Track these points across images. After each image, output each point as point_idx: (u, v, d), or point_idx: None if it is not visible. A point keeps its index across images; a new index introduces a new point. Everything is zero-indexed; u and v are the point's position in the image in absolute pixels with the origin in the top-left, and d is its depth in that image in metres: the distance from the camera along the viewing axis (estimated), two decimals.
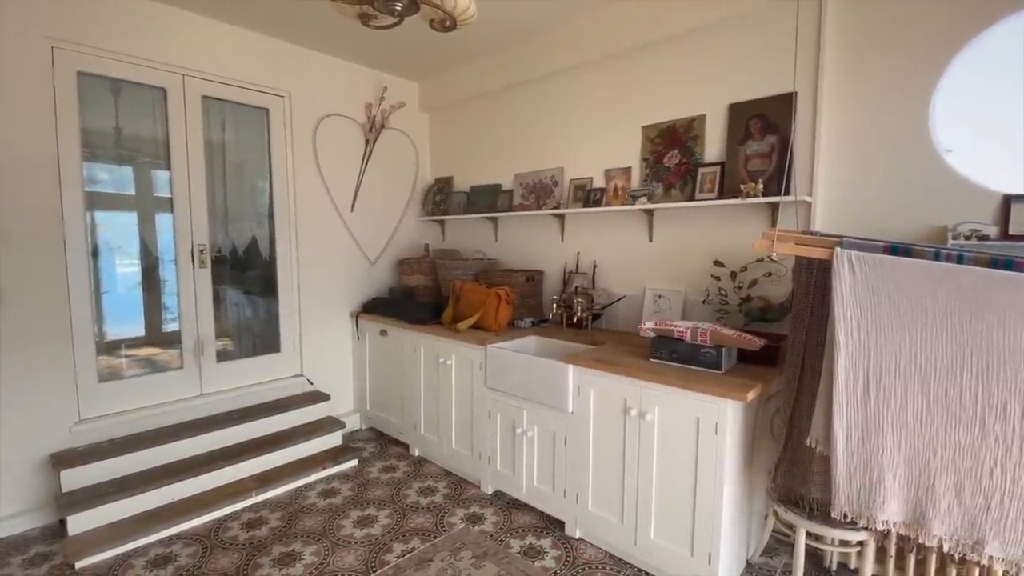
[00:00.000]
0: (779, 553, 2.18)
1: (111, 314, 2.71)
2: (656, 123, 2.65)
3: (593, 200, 2.86)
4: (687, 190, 2.52)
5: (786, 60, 2.17)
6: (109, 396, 2.63)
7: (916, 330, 1.38)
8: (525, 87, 3.26)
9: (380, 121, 3.57)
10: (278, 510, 2.55)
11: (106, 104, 2.63)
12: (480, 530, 2.36)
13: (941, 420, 1.38)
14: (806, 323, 1.72)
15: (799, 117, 2.17)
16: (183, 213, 2.82)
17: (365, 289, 3.67)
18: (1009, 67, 1.77)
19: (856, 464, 1.48)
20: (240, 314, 3.20)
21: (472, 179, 3.69)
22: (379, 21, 1.58)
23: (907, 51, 1.95)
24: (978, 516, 1.37)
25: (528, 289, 3.09)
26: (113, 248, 2.72)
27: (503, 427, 2.55)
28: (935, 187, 1.92)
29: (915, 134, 1.95)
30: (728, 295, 2.37)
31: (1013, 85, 1.77)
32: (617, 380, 2.05)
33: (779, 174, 2.18)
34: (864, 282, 1.43)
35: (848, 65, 2.08)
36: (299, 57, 3.22)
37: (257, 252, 3.21)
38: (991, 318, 1.30)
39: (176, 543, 2.28)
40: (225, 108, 3.00)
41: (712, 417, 1.79)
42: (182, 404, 2.84)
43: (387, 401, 3.35)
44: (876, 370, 1.43)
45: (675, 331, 2.03)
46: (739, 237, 2.37)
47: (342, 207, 3.50)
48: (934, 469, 1.40)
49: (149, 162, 2.78)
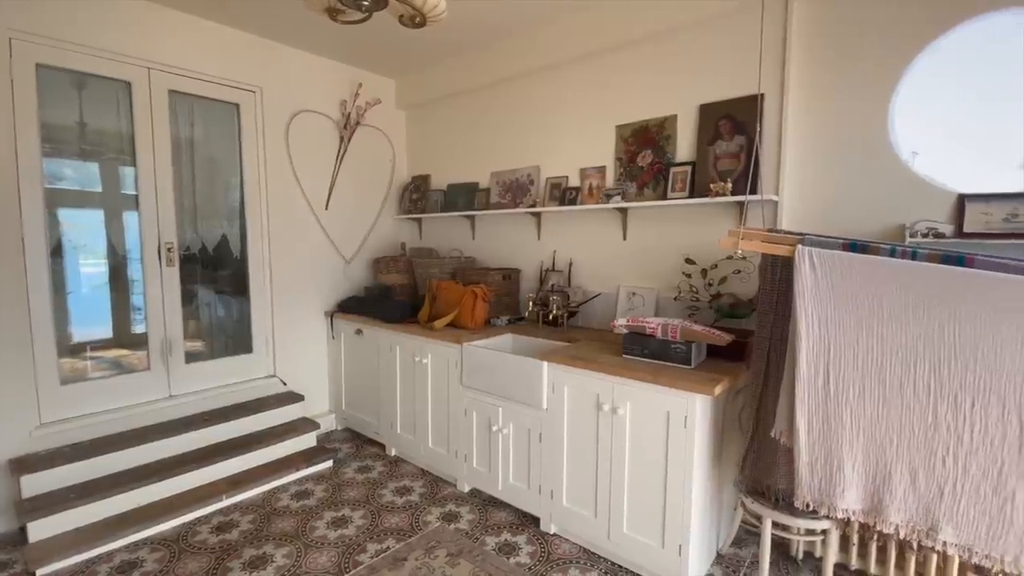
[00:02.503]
0: (748, 543, 2.23)
1: (77, 315, 2.63)
2: (629, 123, 2.68)
3: (569, 199, 2.88)
4: (659, 189, 2.55)
5: (754, 62, 2.22)
6: (72, 399, 2.54)
7: (873, 324, 1.43)
8: (502, 85, 3.26)
9: (355, 118, 3.53)
10: (249, 513, 2.51)
11: (69, 98, 2.55)
12: (455, 528, 2.36)
13: (896, 411, 1.43)
14: (771, 319, 1.77)
15: (766, 118, 2.22)
16: (149, 210, 2.75)
17: (340, 288, 3.63)
18: (965, 70, 1.84)
19: (817, 454, 1.52)
20: (210, 314, 3.13)
21: (449, 177, 3.68)
22: (347, 16, 1.56)
23: (868, 54, 2.02)
24: (932, 503, 1.42)
25: (505, 287, 3.10)
26: (78, 247, 2.63)
27: (479, 425, 2.55)
28: (894, 187, 1.99)
29: (876, 135, 2.02)
30: (699, 292, 2.42)
31: (968, 88, 1.84)
32: (590, 376, 2.07)
33: (747, 174, 2.23)
34: (824, 278, 1.47)
35: (813, 67, 2.14)
36: (271, 51, 3.16)
37: (228, 250, 3.14)
38: (942, 313, 1.36)
39: (143, 548, 2.23)
40: (193, 103, 2.93)
41: (682, 411, 1.83)
42: (150, 406, 2.76)
43: (363, 401, 3.32)
44: (836, 363, 1.47)
45: (647, 327, 2.07)
46: (710, 235, 2.42)
47: (316, 205, 3.46)
48: (890, 458, 1.45)
49: (115, 158, 2.70)
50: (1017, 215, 1.75)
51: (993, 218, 1.79)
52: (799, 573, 2.05)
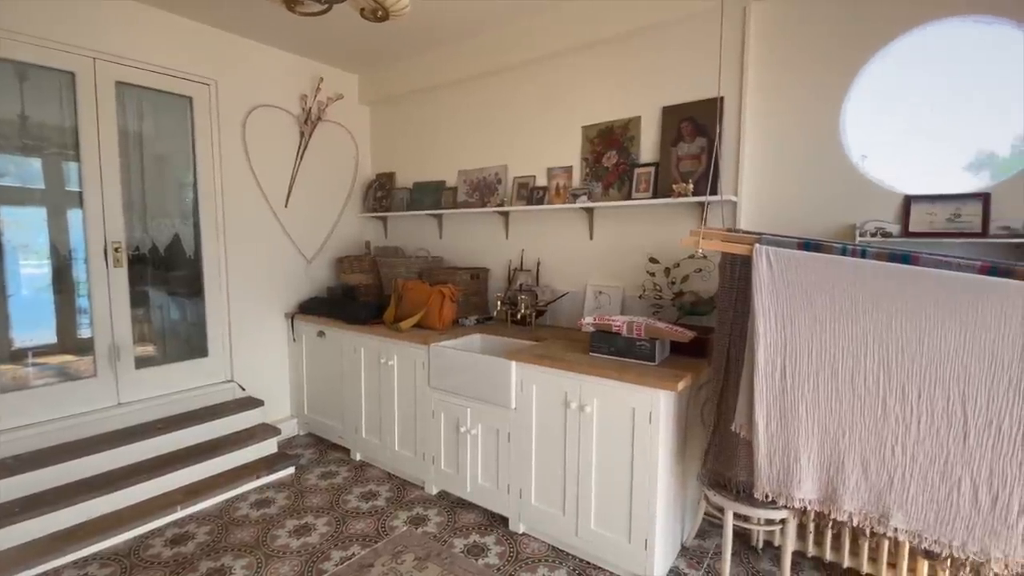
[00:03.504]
0: (712, 535, 2.29)
1: (17, 319, 2.46)
2: (595, 123, 2.70)
3: (536, 198, 2.89)
4: (624, 189, 2.58)
5: (715, 65, 2.27)
6: (13, 408, 2.38)
7: (826, 319, 1.48)
8: (469, 83, 3.24)
9: (316, 113, 3.44)
10: (206, 524, 2.41)
11: (10, 89, 2.38)
12: (423, 531, 2.33)
13: (848, 403, 1.48)
14: (731, 316, 1.81)
15: (725, 120, 2.28)
16: (94, 208, 2.60)
17: (301, 289, 3.53)
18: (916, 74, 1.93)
19: (775, 447, 1.57)
20: (162, 317, 2.99)
21: (415, 175, 3.62)
22: (305, 7, 1.51)
23: (823, 58, 2.09)
24: (883, 491, 1.48)
25: (473, 287, 3.08)
26: (18, 247, 2.47)
27: (447, 426, 2.53)
28: (845, 188, 2.07)
29: (828, 137, 2.10)
30: (663, 290, 2.46)
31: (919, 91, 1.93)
32: (558, 375, 2.08)
33: (708, 175, 2.28)
34: (781, 276, 1.52)
35: (770, 70, 2.21)
36: (226, 43, 3.04)
37: (180, 250, 3.01)
38: (890, 307, 1.42)
39: (92, 564, 2.11)
40: (143, 95, 2.79)
41: (646, 407, 1.85)
42: (98, 415, 2.62)
43: (326, 405, 3.24)
44: (792, 358, 1.52)
45: (612, 325, 2.09)
46: (672, 235, 2.46)
47: (275, 203, 3.35)
48: (843, 449, 1.51)
49: (58, 153, 2.54)
50: (959, 215, 1.84)
51: (937, 218, 1.88)
52: (760, 562, 2.12)
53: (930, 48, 1.90)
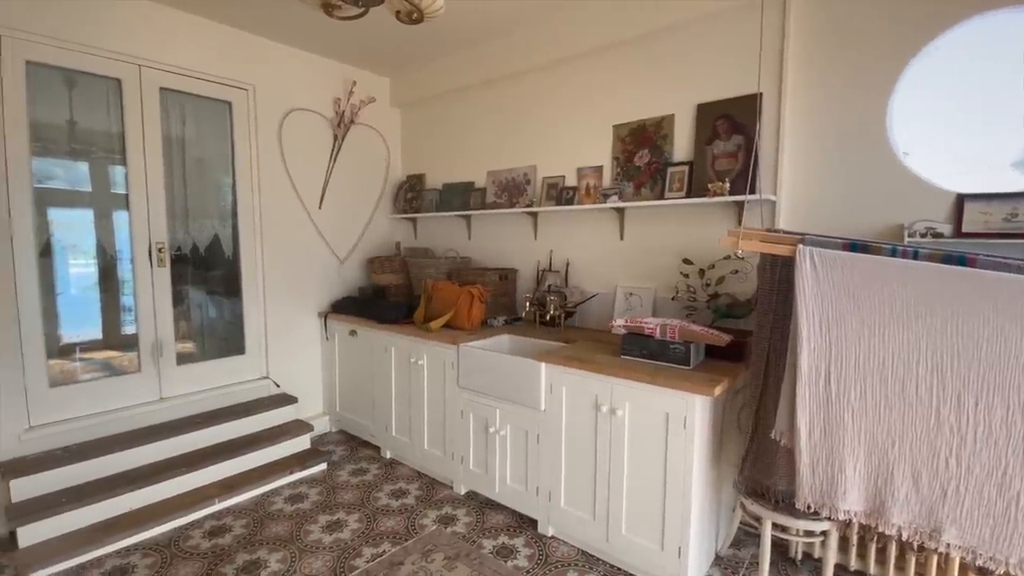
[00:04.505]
0: (747, 544, 2.22)
1: (66, 316, 2.58)
2: (627, 122, 2.66)
3: (565, 199, 2.86)
4: (657, 189, 2.54)
5: (752, 61, 2.20)
6: (61, 402, 2.50)
7: (874, 324, 1.42)
8: (498, 84, 3.24)
9: (349, 116, 3.50)
10: (243, 517, 2.47)
11: (59, 96, 2.50)
12: (452, 531, 2.34)
13: (899, 411, 1.41)
14: (770, 319, 1.75)
15: (764, 117, 2.21)
16: (140, 210, 2.70)
17: (334, 288, 3.59)
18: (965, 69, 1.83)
19: (819, 456, 1.51)
20: (202, 315, 3.09)
21: (444, 176, 3.65)
22: (343, 12, 1.53)
23: (868, 52, 2.01)
24: (935, 504, 1.41)
25: (501, 287, 3.08)
26: (67, 247, 2.59)
27: (476, 427, 2.53)
28: (893, 186, 1.98)
29: (874, 134, 2.01)
30: (697, 292, 2.40)
31: (967, 87, 1.84)
32: (588, 377, 2.05)
33: (745, 173, 2.22)
34: (826, 278, 1.46)
35: (810, 66, 2.13)
36: (264, 49, 3.13)
37: (220, 250, 3.10)
38: (944, 312, 1.34)
39: (134, 554, 2.19)
40: (185, 101, 2.89)
41: (681, 412, 1.81)
42: (140, 409, 2.72)
43: (357, 403, 3.29)
44: (837, 363, 1.46)
45: (645, 328, 2.05)
46: (707, 235, 2.41)
47: (310, 204, 3.42)
48: (892, 459, 1.44)
49: (105, 157, 2.65)
50: (1017, 215, 1.74)
51: (992, 218, 1.78)
52: (798, 574, 2.04)
53: (980, 41, 1.80)
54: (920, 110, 1.93)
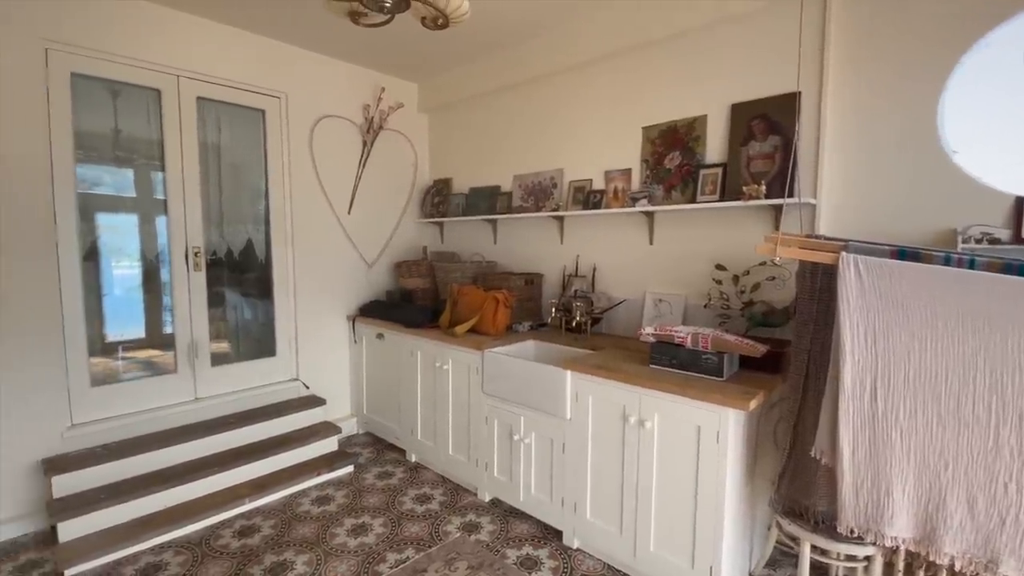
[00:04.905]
0: (783, 565, 2.12)
1: (111, 316, 2.69)
2: (656, 124, 2.60)
3: (593, 202, 2.81)
4: (688, 192, 2.46)
5: (789, 58, 2.11)
6: (101, 401, 2.59)
7: (926, 337, 1.32)
8: (525, 87, 3.21)
9: (378, 122, 3.53)
10: (271, 517, 2.51)
11: (104, 106, 2.60)
12: (476, 539, 2.31)
13: (953, 432, 1.31)
14: (810, 329, 1.66)
15: (803, 117, 2.11)
16: (177, 215, 2.79)
17: (362, 292, 3.63)
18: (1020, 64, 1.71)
19: (863, 477, 1.42)
20: (235, 317, 3.16)
21: (471, 181, 3.64)
22: (370, 19, 1.54)
23: (914, 49, 1.89)
24: (992, 533, 1.30)
25: (527, 292, 3.04)
26: (113, 250, 2.70)
27: (500, 433, 2.50)
28: (944, 188, 1.86)
29: (923, 134, 1.89)
30: (730, 300, 2.32)
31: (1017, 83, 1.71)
32: (616, 387, 2.00)
33: (782, 176, 2.12)
34: (872, 287, 1.37)
35: (853, 63, 2.02)
36: (296, 58, 3.19)
37: (253, 254, 3.17)
38: (1005, 325, 1.24)
39: (167, 551, 2.24)
40: (220, 109, 2.97)
41: (713, 425, 1.74)
42: (176, 408, 2.80)
43: (384, 406, 3.31)
44: (884, 379, 1.37)
45: (675, 336, 1.98)
46: (741, 240, 2.32)
47: (339, 209, 3.47)
48: (945, 483, 1.34)
49: (146, 164, 2.75)
50: None
51: None
52: None
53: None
54: (974, 107, 1.80)
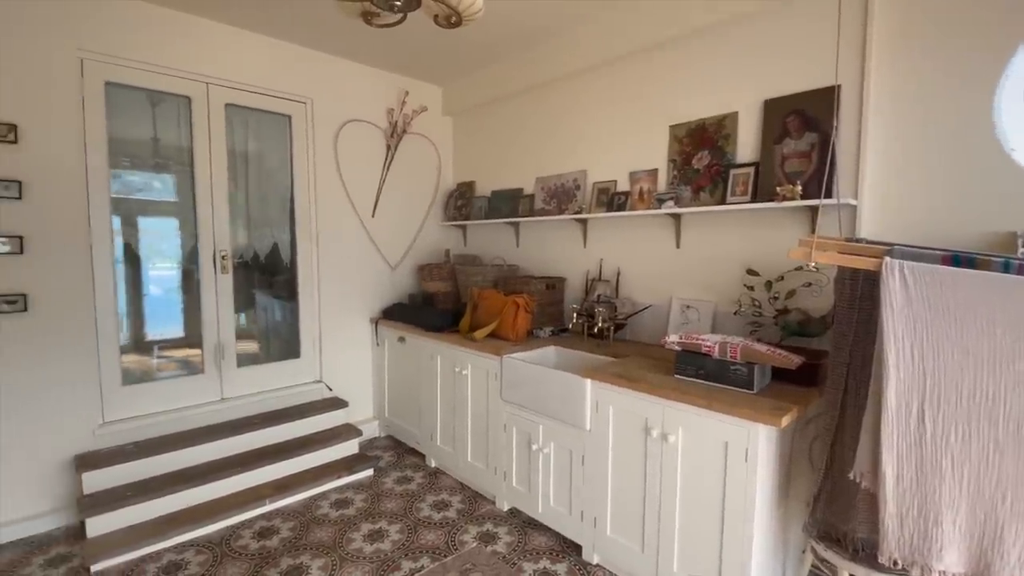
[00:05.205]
0: None
1: (151, 316, 2.80)
2: (684, 122, 2.49)
3: (617, 204, 2.72)
4: (718, 193, 2.35)
5: (828, 50, 1.98)
6: (131, 399, 2.66)
7: (983, 352, 1.19)
8: (548, 87, 3.15)
9: (402, 126, 3.53)
10: (290, 519, 2.52)
11: (138, 113, 2.68)
12: (492, 550, 2.25)
13: (1012, 459, 1.18)
14: (850, 340, 1.54)
15: (843, 112, 1.98)
16: (205, 220, 2.85)
17: (385, 295, 3.64)
18: None
19: (908, 505, 1.29)
20: (261, 320, 3.21)
21: (494, 183, 3.60)
22: (382, 19, 1.51)
23: (967, 34, 1.74)
24: None
25: (548, 297, 2.97)
26: (151, 253, 2.79)
27: (519, 442, 2.44)
28: (1002, 188, 1.70)
29: (977, 128, 1.73)
30: (763, 307, 2.19)
31: None
32: (638, 397, 1.91)
33: (820, 175, 1.99)
34: (919, 297, 1.25)
35: (898, 53, 1.87)
36: (321, 63, 3.22)
37: (278, 258, 3.21)
38: None
39: (188, 550, 2.27)
40: (248, 115, 3.02)
41: (742, 442, 1.63)
42: (203, 408, 2.85)
43: (405, 410, 3.29)
44: (934, 398, 1.24)
45: (702, 345, 1.88)
46: (775, 244, 2.19)
47: (363, 212, 3.48)
48: (1003, 516, 1.20)
49: (181, 170, 2.82)
50: None
51: None
52: None
53: None
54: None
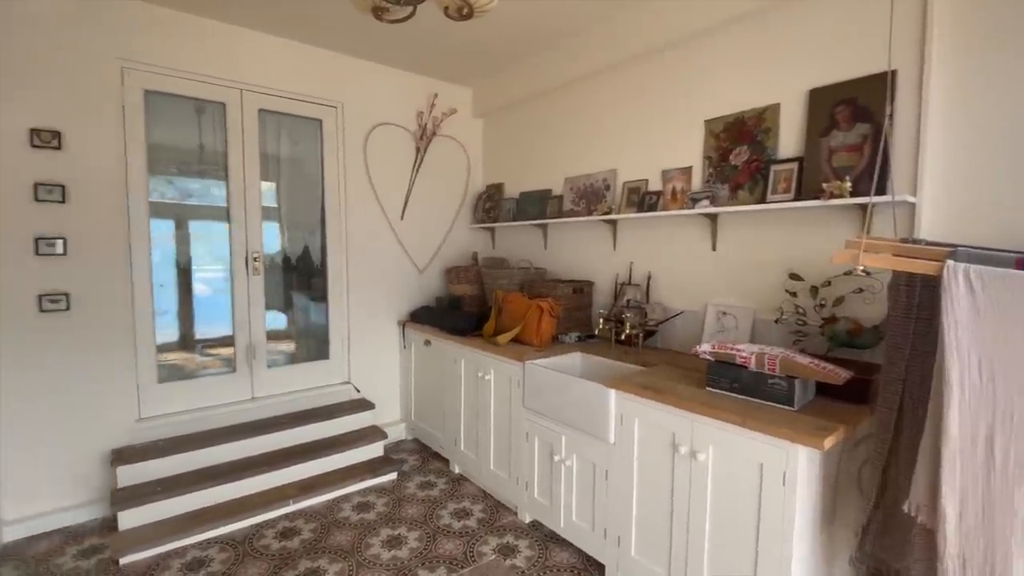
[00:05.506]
0: None
1: (200, 316, 2.92)
2: (721, 116, 2.33)
3: (648, 204, 2.59)
4: (757, 191, 2.18)
5: (881, 32, 1.79)
6: (167, 396, 2.74)
7: None
8: (577, 85, 3.05)
9: (431, 129, 3.52)
10: (312, 521, 2.51)
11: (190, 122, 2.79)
12: (511, 564, 2.17)
13: None
14: (906, 353, 1.36)
15: (899, 100, 1.78)
16: (239, 223, 2.91)
17: (413, 297, 3.62)
18: None
19: (974, 546, 1.11)
20: (291, 321, 3.26)
21: (523, 185, 3.53)
22: (392, 14, 1.47)
23: None
24: None
25: (576, 301, 2.86)
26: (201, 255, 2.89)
27: (541, 452, 2.34)
28: None
29: None
30: (807, 314, 2.01)
31: None
32: (665, 411, 1.78)
33: (872, 170, 1.80)
34: (988, 306, 1.08)
35: (964, 32, 1.67)
36: (351, 67, 3.24)
37: (309, 260, 3.25)
38: None
39: (212, 547, 2.30)
40: (280, 120, 3.08)
41: (779, 465, 1.48)
42: (234, 407, 2.91)
43: (430, 413, 3.26)
44: (1005, 424, 1.07)
45: (737, 356, 1.73)
46: (821, 246, 2.01)
47: (392, 215, 3.48)
48: None
49: (214, 173, 2.90)
50: None
51: None
52: None
53: None
54: None
